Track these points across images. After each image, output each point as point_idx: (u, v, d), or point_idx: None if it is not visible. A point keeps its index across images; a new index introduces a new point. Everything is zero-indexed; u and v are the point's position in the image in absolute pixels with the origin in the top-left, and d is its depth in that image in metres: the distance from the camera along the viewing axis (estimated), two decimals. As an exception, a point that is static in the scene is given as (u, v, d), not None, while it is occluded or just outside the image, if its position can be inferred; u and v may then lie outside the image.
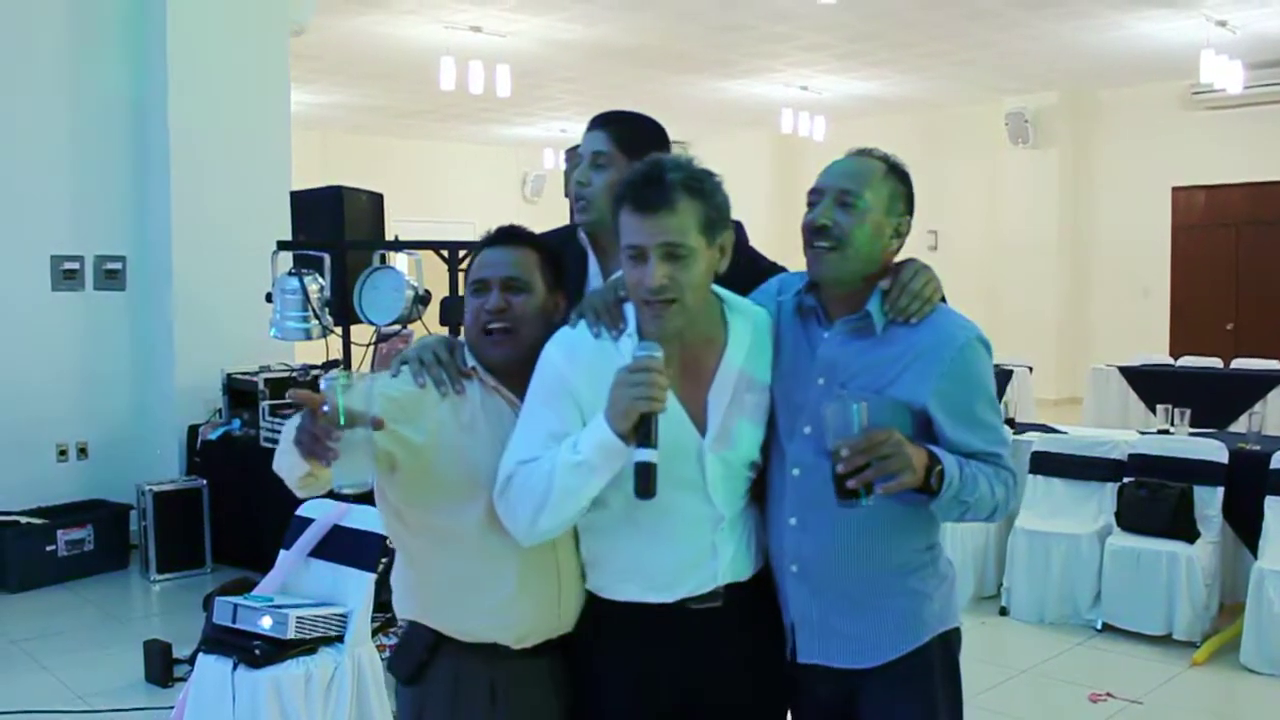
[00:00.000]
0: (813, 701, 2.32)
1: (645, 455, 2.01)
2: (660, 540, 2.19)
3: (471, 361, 2.34)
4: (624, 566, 2.23)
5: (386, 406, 2.15)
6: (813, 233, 2.20)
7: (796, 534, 2.24)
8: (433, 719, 2.33)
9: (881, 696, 2.24)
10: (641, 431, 2.01)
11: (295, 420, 2.06)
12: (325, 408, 1.94)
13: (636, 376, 2.01)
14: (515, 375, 2.31)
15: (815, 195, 2.23)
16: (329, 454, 1.94)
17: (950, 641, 2.30)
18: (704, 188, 2.12)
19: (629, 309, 2.21)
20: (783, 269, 2.53)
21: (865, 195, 2.18)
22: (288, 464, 2.10)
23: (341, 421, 1.94)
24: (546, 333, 2.30)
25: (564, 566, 2.28)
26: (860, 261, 2.19)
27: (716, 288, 2.24)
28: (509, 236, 2.41)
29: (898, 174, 2.26)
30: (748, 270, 2.43)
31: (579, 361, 2.17)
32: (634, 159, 2.49)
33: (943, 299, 2.26)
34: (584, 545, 2.28)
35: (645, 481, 2.00)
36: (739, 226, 2.47)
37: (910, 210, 2.27)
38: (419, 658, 2.33)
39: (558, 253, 2.46)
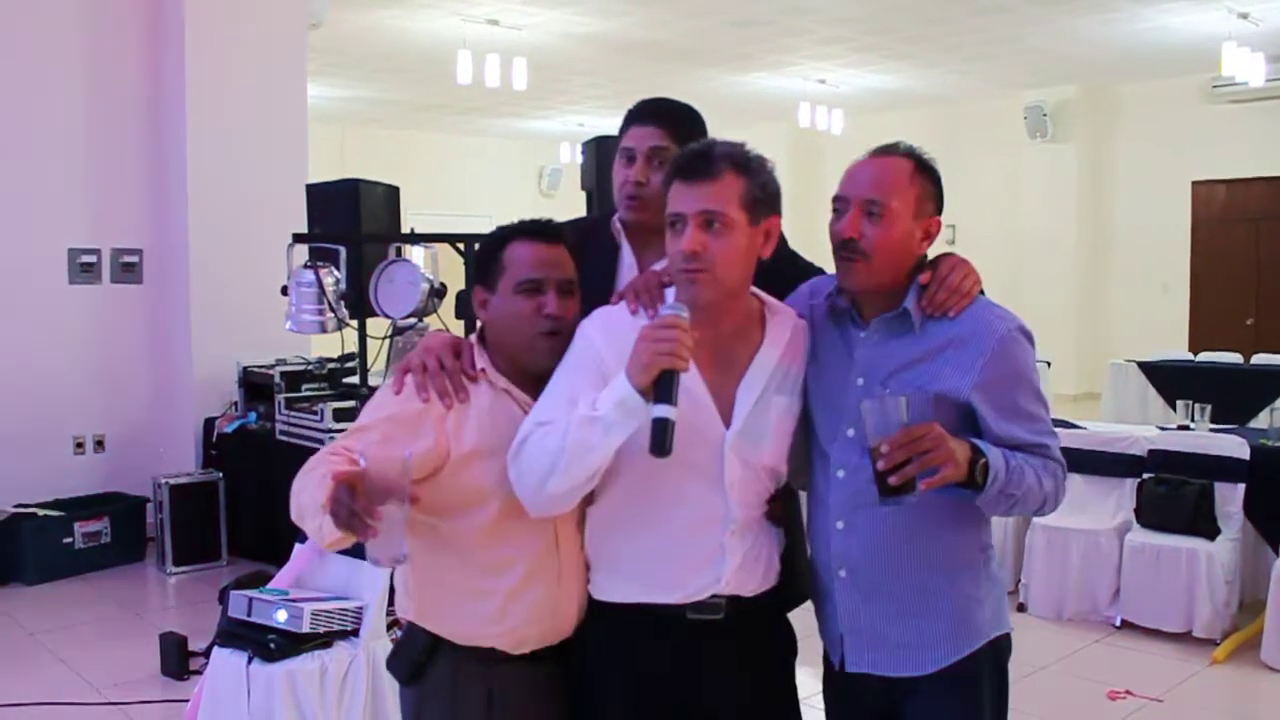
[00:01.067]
0: (857, 712, 2.28)
1: (663, 411, 1.96)
2: (666, 532, 2.14)
3: (481, 363, 2.28)
4: (627, 562, 2.18)
5: (390, 428, 2.13)
6: (840, 245, 2.17)
7: (843, 538, 2.19)
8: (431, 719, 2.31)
9: (928, 705, 2.20)
10: (661, 388, 1.97)
11: (318, 476, 2.03)
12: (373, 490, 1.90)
13: (661, 332, 1.98)
14: (529, 374, 2.27)
15: (840, 203, 2.18)
16: (368, 532, 1.89)
17: (1000, 648, 2.26)
18: (751, 166, 2.11)
19: (670, 292, 2.18)
20: (820, 270, 2.48)
21: (892, 204, 2.13)
22: (315, 526, 2.02)
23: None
24: None
25: (565, 571, 2.24)
26: (890, 270, 2.16)
27: (756, 290, 2.22)
28: (553, 233, 2.32)
29: (925, 172, 2.20)
30: (786, 270, 2.39)
31: (613, 338, 2.14)
32: None
33: (981, 291, 2.22)
34: (589, 544, 2.24)
35: (661, 436, 1.95)
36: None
37: (939, 209, 2.22)
38: (416, 659, 2.30)
39: (574, 246, 2.40)
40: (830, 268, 2.28)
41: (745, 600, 2.19)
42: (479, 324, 2.41)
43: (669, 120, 2.57)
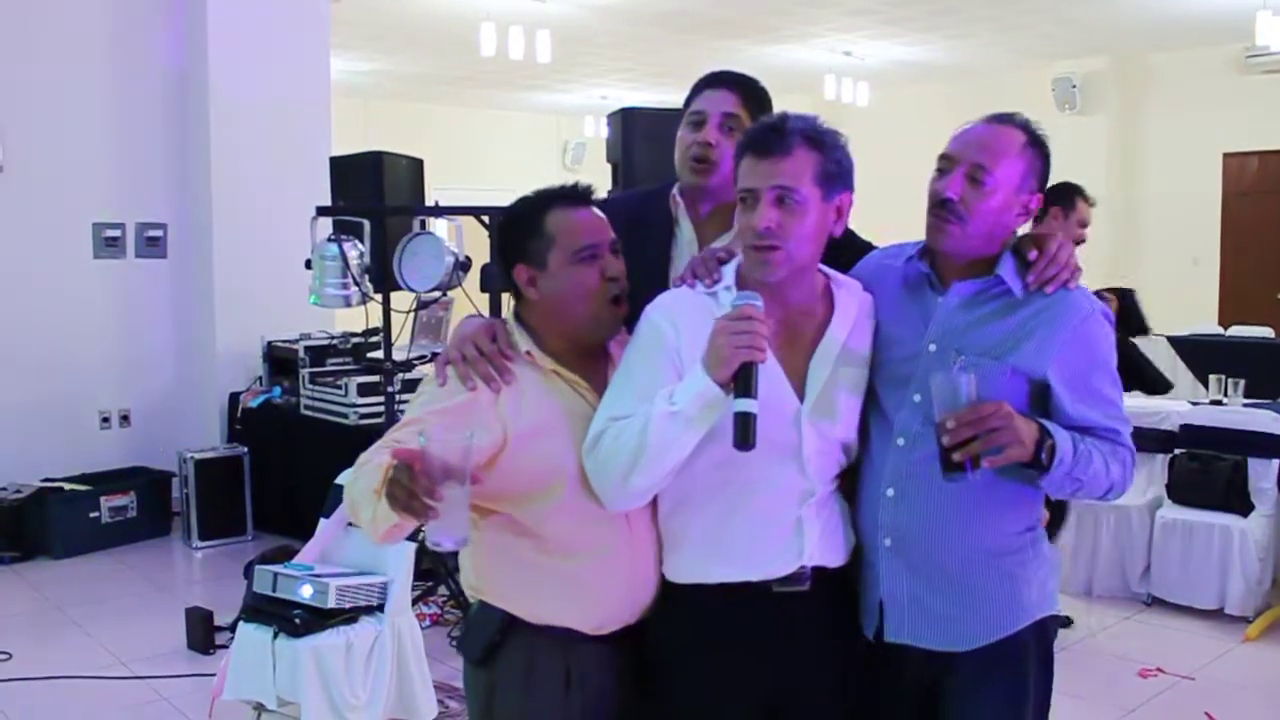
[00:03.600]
0: (896, 684, 2.22)
1: (745, 405, 1.93)
2: (746, 512, 2.11)
3: (525, 345, 2.20)
4: (706, 543, 2.14)
5: (442, 420, 2.04)
6: (937, 203, 2.14)
7: (892, 506, 2.16)
8: (504, 703, 2.22)
9: (969, 682, 2.16)
10: (741, 381, 1.94)
11: (372, 462, 1.99)
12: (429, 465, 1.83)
13: (738, 324, 1.94)
14: (573, 353, 2.22)
15: (945, 162, 2.16)
16: (430, 514, 1.82)
17: (1047, 629, 2.22)
18: (825, 141, 2.09)
19: (728, 269, 2.17)
20: (873, 246, 2.44)
21: (997, 172, 2.11)
22: (369, 516, 1.97)
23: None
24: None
25: (639, 550, 2.19)
26: (982, 238, 2.14)
27: (827, 269, 2.20)
28: (588, 195, 2.26)
29: (1036, 146, 2.17)
30: (845, 246, 2.35)
31: (680, 321, 2.11)
32: None
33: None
34: (665, 524, 2.19)
35: (744, 430, 1.92)
36: None
37: (1042, 187, 2.20)
38: (490, 639, 2.21)
39: (623, 220, 2.33)
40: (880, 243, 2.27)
41: (829, 572, 2.17)
42: (512, 304, 2.33)
43: (742, 87, 2.54)
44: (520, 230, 2.24)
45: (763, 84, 2.60)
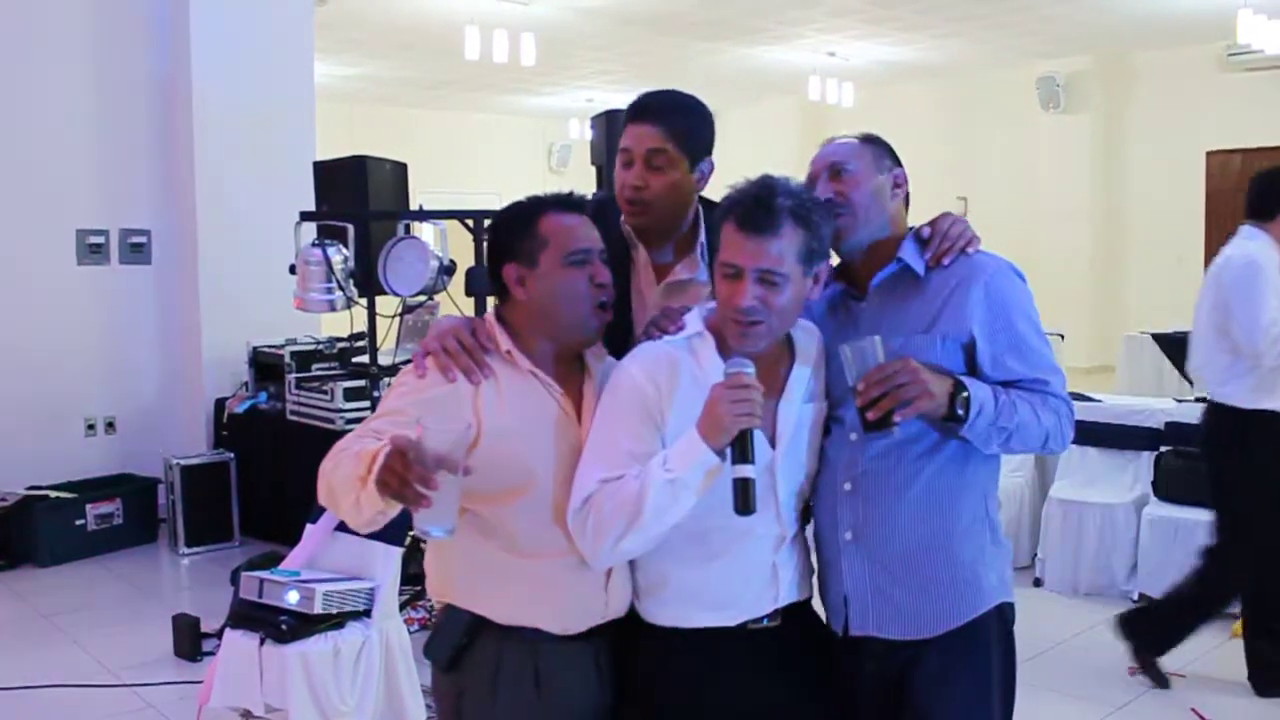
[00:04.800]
0: (862, 677, 2.26)
1: (744, 471, 1.99)
2: (723, 561, 2.16)
3: (506, 344, 2.21)
4: (683, 590, 2.18)
5: (422, 411, 2.06)
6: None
7: (850, 499, 2.22)
8: (472, 706, 2.22)
9: (935, 669, 2.20)
10: (739, 447, 1.99)
11: (351, 451, 2.02)
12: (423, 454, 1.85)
13: (735, 393, 1.98)
14: (551, 356, 2.24)
15: (810, 181, 2.29)
16: (422, 501, 1.84)
17: (1005, 614, 2.28)
18: (811, 218, 2.12)
19: (691, 317, 2.22)
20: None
21: (851, 163, 2.27)
22: (351, 501, 2.00)
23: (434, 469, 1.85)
24: None
25: None
26: (874, 223, 2.27)
27: None
28: (582, 205, 2.27)
29: (872, 140, 2.34)
30: None
31: (659, 380, 2.14)
32: (693, 155, 2.46)
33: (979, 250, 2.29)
34: (642, 570, 2.22)
35: (745, 497, 1.98)
36: None
37: (898, 162, 2.35)
38: (457, 642, 2.22)
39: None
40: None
41: (795, 604, 2.25)
42: (493, 304, 2.34)
43: (667, 117, 2.45)
44: (513, 230, 2.25)
45: (698, 105, 2.53)
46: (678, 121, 2.46)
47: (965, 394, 2.09)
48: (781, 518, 2.19)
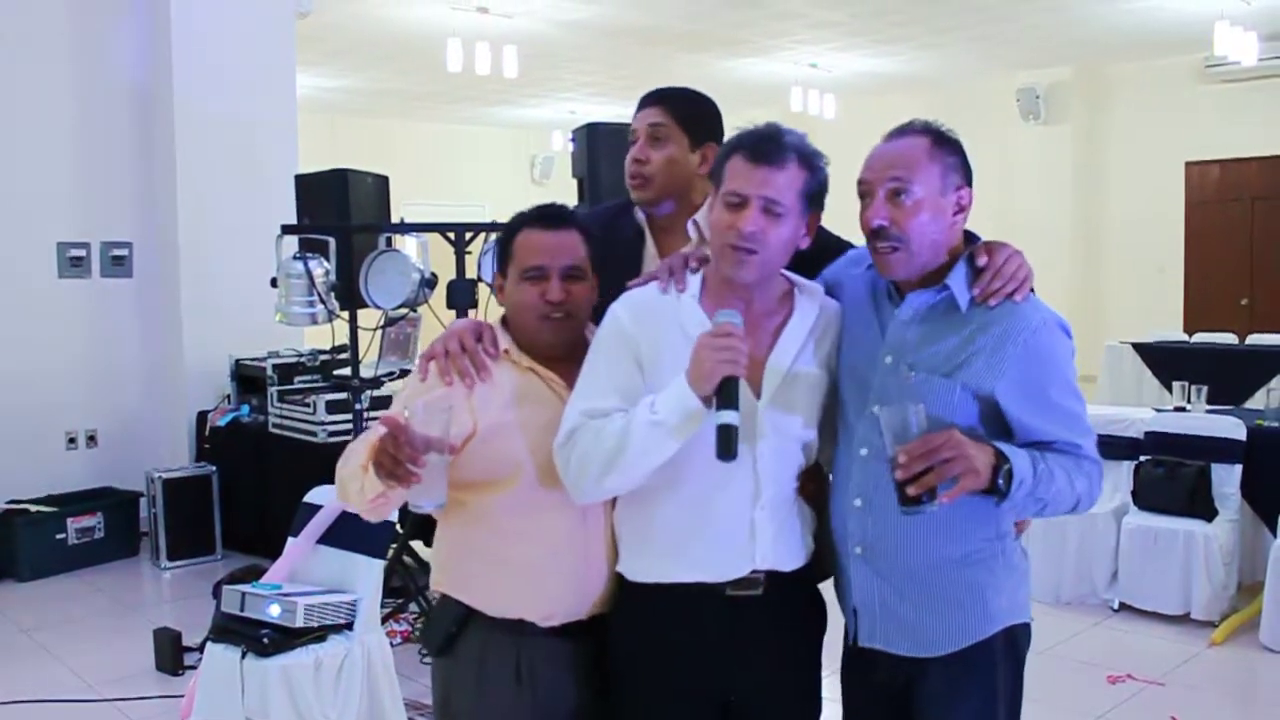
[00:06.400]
0: (869, 688, 2.26)
1: (728, 417, 2.00)
2: (698, 510, 2.15)
3: (505, 344, 2.32)
4: (660, 541, 2.19)
5: (426, 399, 2.18)
6: (872, 234, 2.14)
7: (861, 515, 2.19)
8: (459, 693, 2.33)
9: (940, 688, 2.18)
10: (723, 394, 2.01)
11: (360, 445, 2.17)
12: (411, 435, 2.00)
13: (719, 341, 2.01)
14: (552, 355, 2.32)
15: (864, 186, 2.16)
16: (412, 479, 2.00)
17: (1017, 637, 2.23)
18: (813, 162, 2.16)
19: (694, 279, 2.24)
20: (850, 244, 2.47)
21: (914, 185, 2.10)
22: (357, 488, 2.15)
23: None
24: (591, 314, 2.34)
25: (592, 547, 2.27)
26: (928, 251, 2.13)
27: (790, 273, 2.27)
28: (556, 218, 2.35)
29: (944, 144, 2.15)
30: (819, 244, 2.38)
31: (642, 319, 2.20)
32: (694, 135, 2.58)
33: (1031, 290, 2.17)
34: (619, 521, 2.25)
35: (727, 442, 2.00)
36: (840, 245, 2.51)
37: (968, 180, 2.17)
38: (447, 629, 2.33)
39: (596, 232, 2.41)
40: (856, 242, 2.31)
41: (783, 575, 2.20)
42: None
43: (669, 99, 2.62)
44: (501, 241, 2.42)
45: (703, 96, 2.66)
46: (679, 104, 2.62)
47: (1008, 466, 2.01)
48: (759, 473, 2.15)
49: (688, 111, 2.59)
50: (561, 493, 2.19)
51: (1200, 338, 10.94)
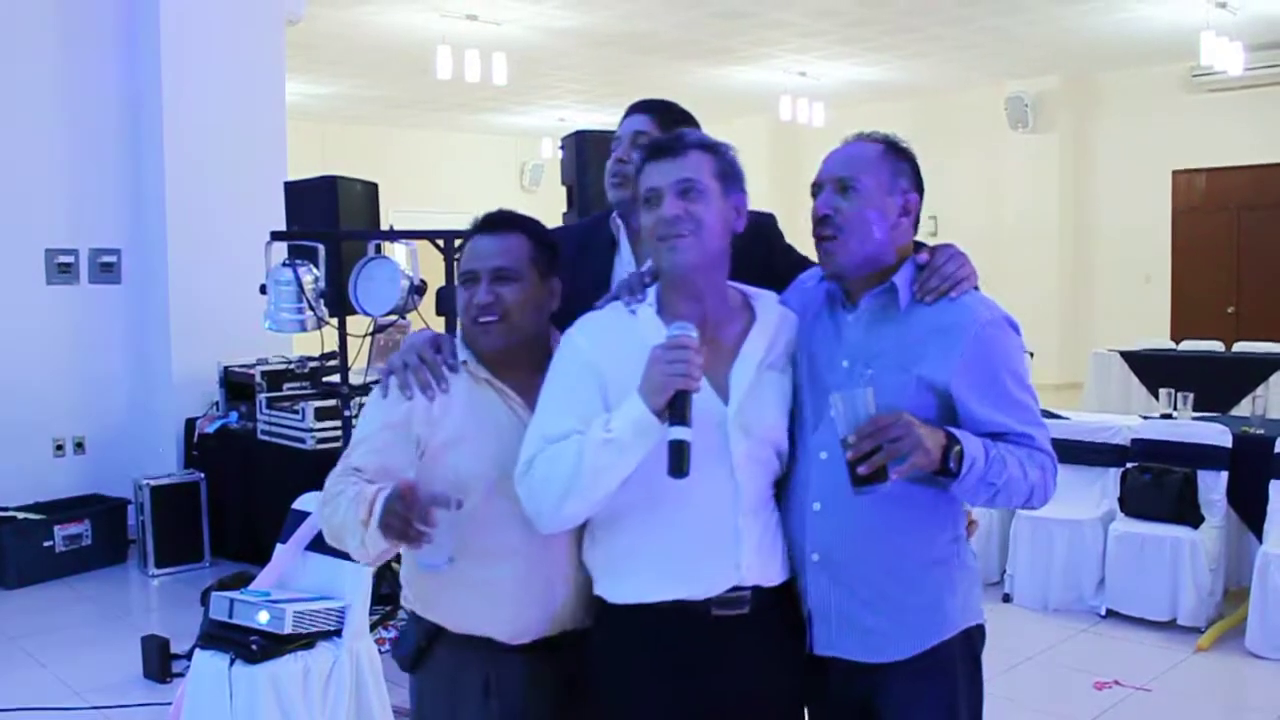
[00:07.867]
0: (829, 696, 2.26)
1: (680, 433, 1.99)
2: (680, 522, 2.13)
3: (463, 355, 2.32)
4: (641, 558, 2.16)
5: (387, 435, 2.24)
6: (817, 224, 2.20)
7: (819, 520, 2.19)
8: (431, 707, 2.37)
9: (901, 693, 2.18)
10: (676, 409, 1.99)
11: (349, 490, 2.14)
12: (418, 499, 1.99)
13: (673, 353, 2.00)
14: (509, 366, 2.30)
15: (816, 188, 2.23)
16: (422, 539, 1.98)
17: (973, 638, 2.25)
18: (717, 147, 2.19)
19: (651, 290, 2.24)
20: (814, 263, 2.48)
21: (862, 179, 2.17)
22: (358, 542, 2.11)
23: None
24: (540, 321, 2.32)
25: (558, 565, 2.26)
26: (867, 246, 2.18)
27: (742, 285, 2.28)
28: (498, 223, 2.37)
29: (897, 151, 2.23)
30: (783, 261, 2.48)
31: (600, 341, 2.19)
32: None
33: (976, 288, 2.23)
34: (598, 543, 2.22)
35: (679, 458, 1.98)
36: (772, 218, 2.61)
37: (918, 189, 2.24)
38: (417, 645, 2.35)
39: (550, 237, 2.41)
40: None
41: (767, 592, 2.19)
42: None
43: (655, 110, 2.69)
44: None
45: (681, 106, 2.73)
46: (663, 112, 2.69)
47: (958, 447, 2.04)
48: (737, 478, 2.14)
49: (670, 120, 2.64)
50: (518, 510, 2.16)
51: (1187, 345, 10.98)
